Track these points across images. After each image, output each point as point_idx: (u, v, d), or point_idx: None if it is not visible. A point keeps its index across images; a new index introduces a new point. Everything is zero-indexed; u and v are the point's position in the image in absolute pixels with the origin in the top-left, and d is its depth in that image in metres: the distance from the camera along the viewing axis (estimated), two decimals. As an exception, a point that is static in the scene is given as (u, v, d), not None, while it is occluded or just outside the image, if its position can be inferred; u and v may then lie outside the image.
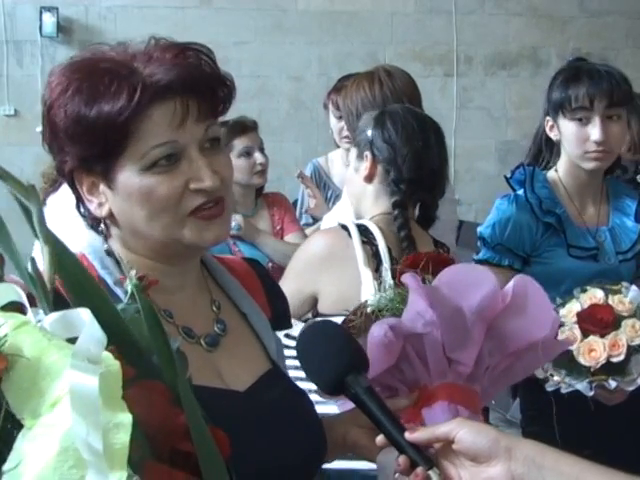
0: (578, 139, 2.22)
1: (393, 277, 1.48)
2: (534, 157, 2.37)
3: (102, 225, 1.20)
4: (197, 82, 1.13)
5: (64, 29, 5.51)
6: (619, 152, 2.39)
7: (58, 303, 0.81)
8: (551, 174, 2.33)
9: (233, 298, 1.30)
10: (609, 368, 1.93)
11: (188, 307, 1.22)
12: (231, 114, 1.27)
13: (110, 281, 1.16)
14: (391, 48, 5.95)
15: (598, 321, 1.96)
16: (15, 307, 0.80)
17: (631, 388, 1.95)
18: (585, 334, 1.96)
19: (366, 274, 1.84)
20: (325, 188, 3.74)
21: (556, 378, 1.98)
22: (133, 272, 0.98)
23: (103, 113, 1.09)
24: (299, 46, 5.83)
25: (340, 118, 3.61)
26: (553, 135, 2.29)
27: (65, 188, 2.51)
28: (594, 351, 1.93)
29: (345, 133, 3.59)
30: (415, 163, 1.98)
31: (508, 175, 2.36)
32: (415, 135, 1.99)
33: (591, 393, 1.95)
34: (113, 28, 5.50)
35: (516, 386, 2.48)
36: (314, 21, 5.85)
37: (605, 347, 1.92)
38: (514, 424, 4.00)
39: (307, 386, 1.29)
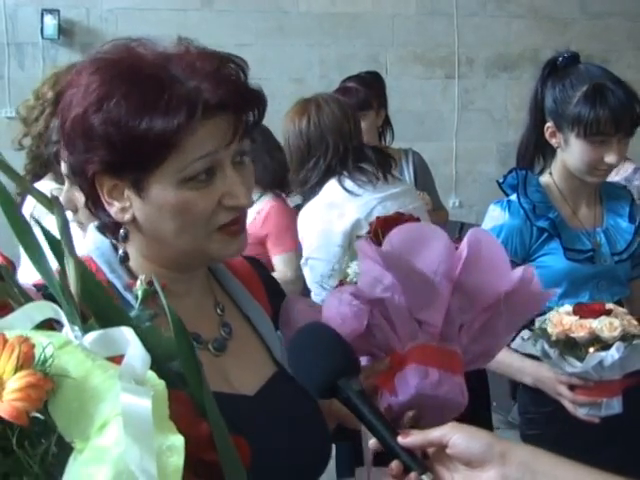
0: (590, 159, 2.16)
1: None
2: (529, 161, 2.33)
3: (122, 230, 1.17)
4: (245, 100, 1.12)
5: (65, 31, 5.51)
6: None
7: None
8: (545, 178, 2.30)
9: (237, 301, 1.29)
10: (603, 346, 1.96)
11: (194, 312, 1.20)
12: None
13: (120, 286, 1.14)
14: (392, 50, 5.95)
15: (592, 310, 1.99)
16: (46, 325, 0.77)
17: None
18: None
19: None
20: None
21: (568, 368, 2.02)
22: (143, 277, 0.97)
23: (156, 127, 1.05)
24: (300, 48, 5.83)
25: None
26: (554, 142, 2.24)
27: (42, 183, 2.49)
28: (585, 327, 1.96)
29: None
30: None
31: (500, 180, 2.33)
32: None
33: (580, 368, 1.98)
34: (114, 30, 5.49)
35: (516, 388, 2.47)
36: (315, 23, 5.85)
37: (596, 324, 1.95)
38: (515, 426, 4.00)
39: None
